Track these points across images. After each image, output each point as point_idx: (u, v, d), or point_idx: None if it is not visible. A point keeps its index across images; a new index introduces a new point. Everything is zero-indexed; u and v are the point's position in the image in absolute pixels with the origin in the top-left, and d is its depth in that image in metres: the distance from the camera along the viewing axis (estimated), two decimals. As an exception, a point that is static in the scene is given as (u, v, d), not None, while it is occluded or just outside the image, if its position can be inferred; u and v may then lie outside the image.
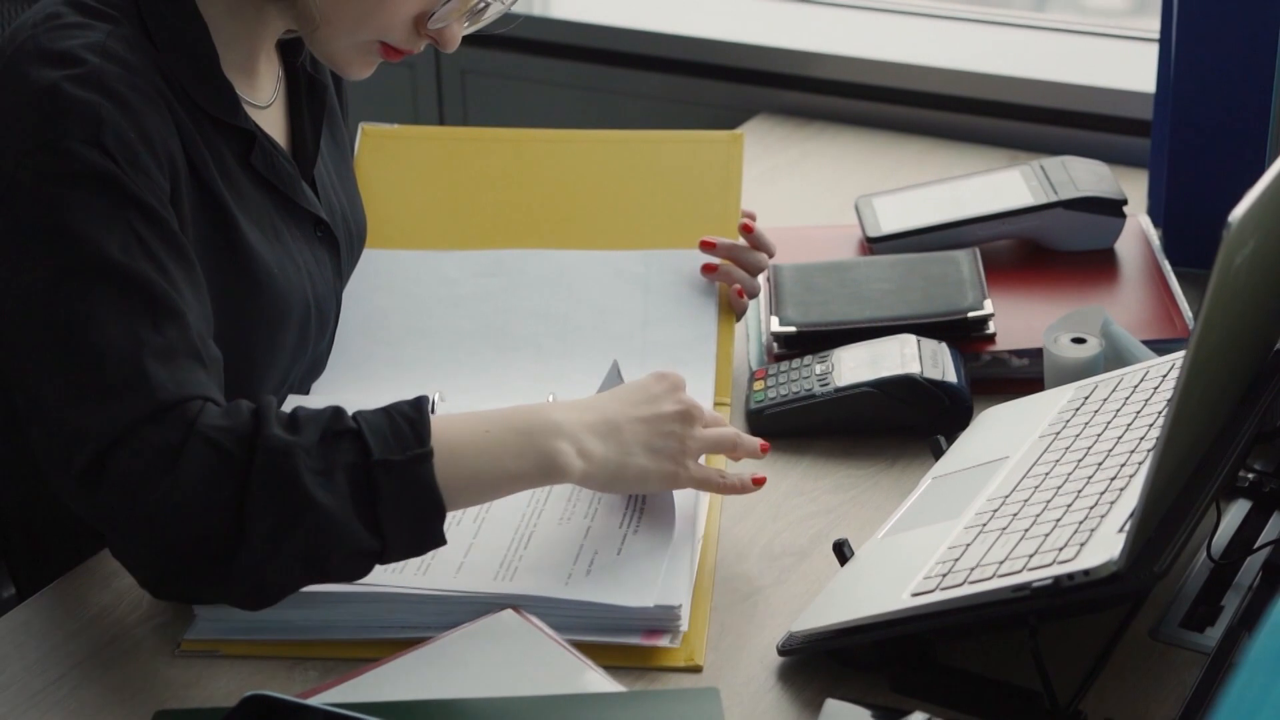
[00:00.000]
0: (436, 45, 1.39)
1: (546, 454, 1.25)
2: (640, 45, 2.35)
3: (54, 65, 1.27)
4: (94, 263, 1.23)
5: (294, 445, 1.18)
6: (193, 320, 1.25)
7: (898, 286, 1.64)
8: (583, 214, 1.68)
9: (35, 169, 1.25)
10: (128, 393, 1.19)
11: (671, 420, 1.31)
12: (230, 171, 1.38)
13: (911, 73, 2.22)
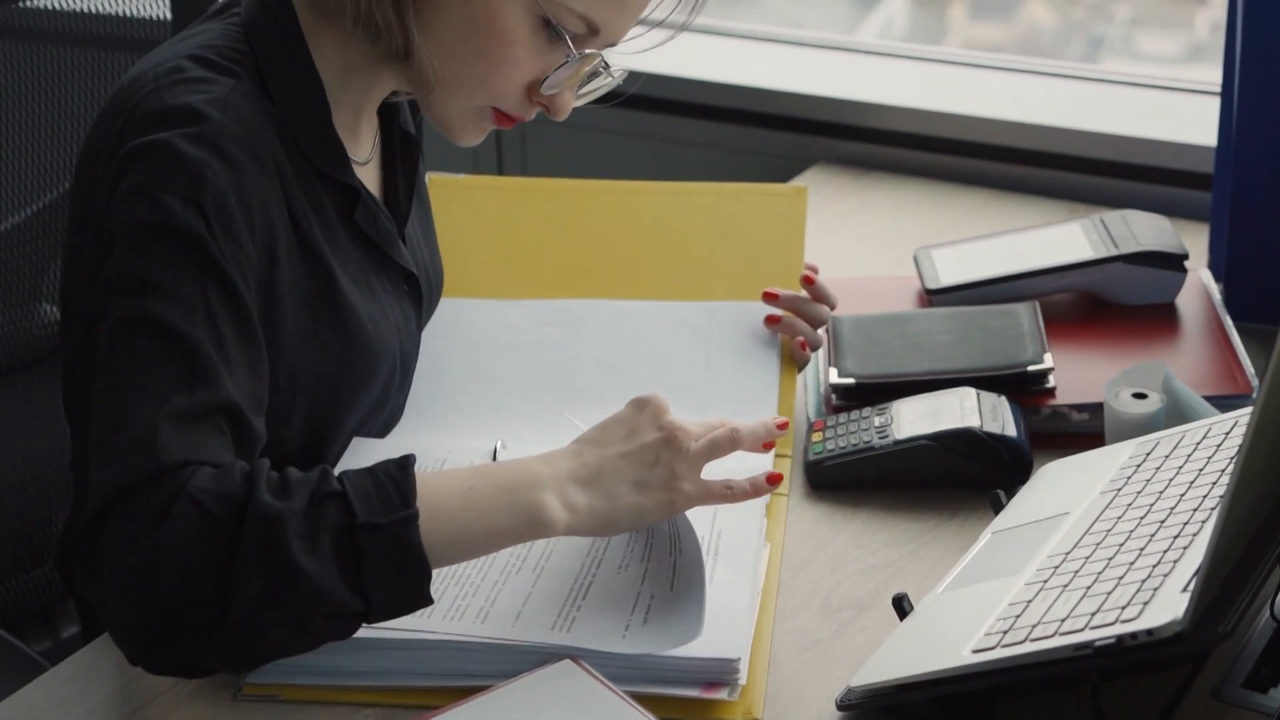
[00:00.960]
0: (547, 112, 1.41)
1: (530, 508, 1.25)
2: (698, 94, 2.36)
3: (174, 120, 1.29)
4: (154, 319, 1.24)
5: (283, 512, 1.19)
6: (231, 392, 1.25)
7: (957, 339, 1.64)
8: (646, 265, 1.69)
9: (129, 214, 1.27)
10: (135, 454, 1.20)
11: (654, 448, 1.29)
12: (332, 227, 1.40)
13: (970, 124, 2.22)
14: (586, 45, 1.38)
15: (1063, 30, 3.75)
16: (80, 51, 1.74)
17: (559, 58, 1.37)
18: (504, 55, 1.36)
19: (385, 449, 1.46)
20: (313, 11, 1.38)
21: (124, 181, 1.29)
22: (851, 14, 3.72)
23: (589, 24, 1.36)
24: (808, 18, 3.92)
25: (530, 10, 1.34)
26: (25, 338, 1.71)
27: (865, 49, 2.48)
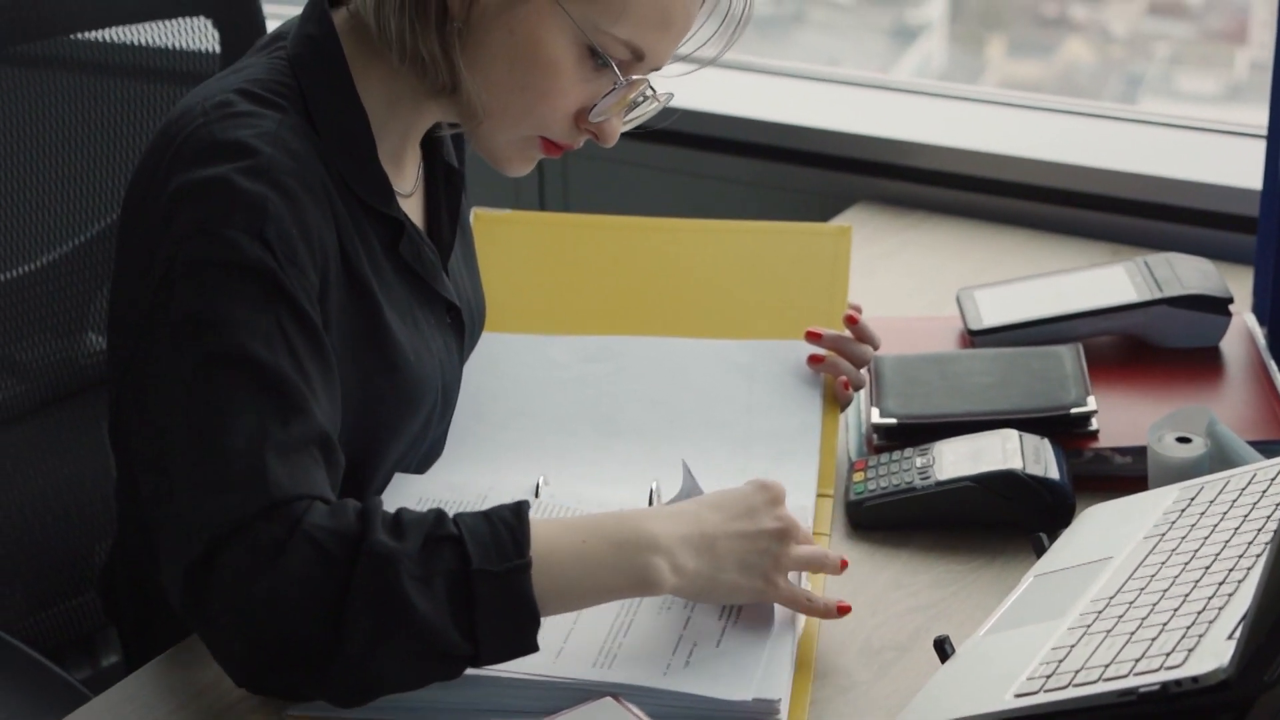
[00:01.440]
0: (596, 139, 1.42)
1: (641, 569, 1.26)
2: (740, 131, 2.37)
3: (226, 155, 1.30)
4: (237, 354, 1.25)
5: (398, 552, 1.20)
6: (321, 420, 1.27)
7: (1000, 380, 1.64)
8: (689, 302, 1.69)
9: (194, 253, 1.28)
10: (245, 487, 1.21)
11: (769, 538, 1.30)
12: (377, 259, 1.40)
13: (1011, 164, 2.22)
14: (632, 71, 1.39)
15: (1101, 68, 3.75)
16: (130, 84, 1.75)
17: (605, 85, 1.38)
18: (550, 85, 1.36)
19: (428, 485, 1.47)
20: (358, 46, 1.39)
21: (179, 218, 1.29)
22: (889, 49, 3.73)
23: (633, 50, 1.37)
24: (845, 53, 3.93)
25: (575, 39, 1.35)
26: (71, 366, 1.72)
27: (905, 88, 2.48)
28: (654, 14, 1.36)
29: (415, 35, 1.35)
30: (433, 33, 1.35)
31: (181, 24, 1.75)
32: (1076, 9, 3.70)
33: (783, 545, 1.31)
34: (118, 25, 1.72)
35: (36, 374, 1.70)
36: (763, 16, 3.52)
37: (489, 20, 1.35)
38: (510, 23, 1.35)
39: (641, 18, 1.35)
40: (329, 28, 1.39)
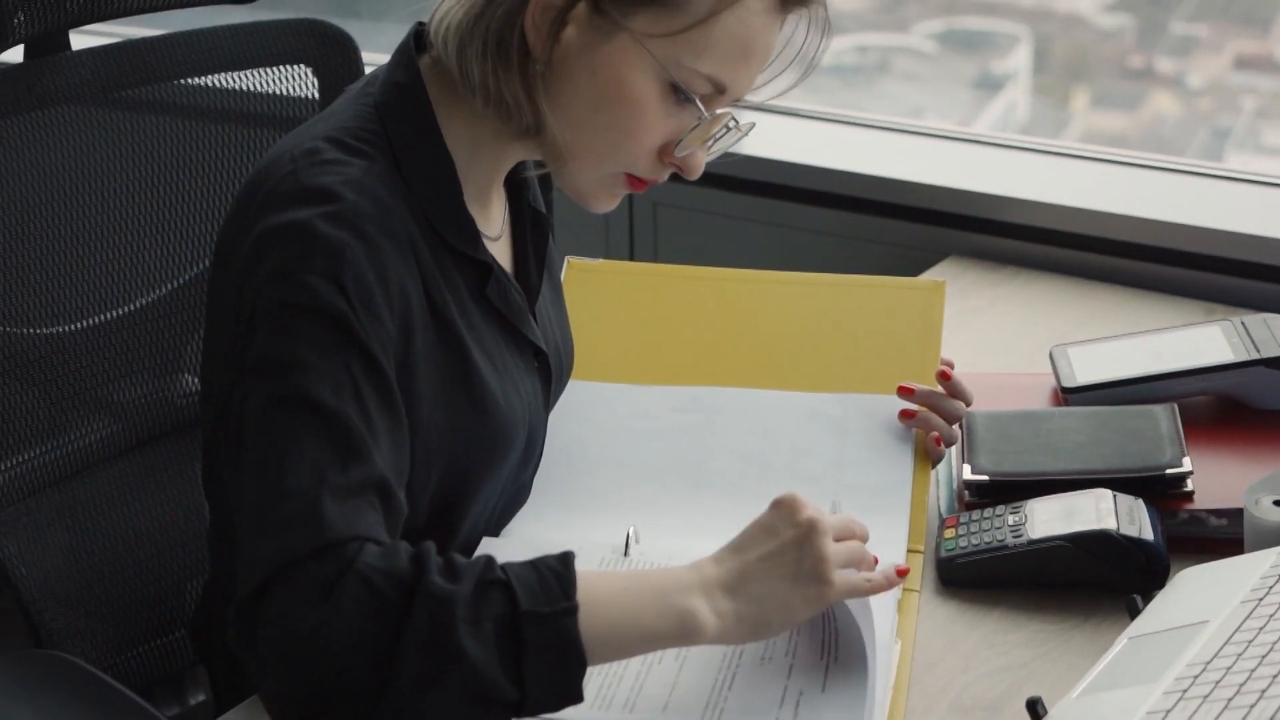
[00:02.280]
0: (681, 173, 1.42)
1: (682, 613, 1.25)
2: (831, 183, 2.37)
3: (311, 201, 1.32)
4: (304, 398, 1.26)
5: (454, 595, 1.20)
6: (381, 467, 1.27)
7: (1093, 439, 1.63)
8: (781, 355, 1.69)
9: (273, 296, 1.29)
10: (300, 527, 1.22)
11: (795, 545, 1.28)
12: (465, 303, 1.42)
13: (1104, 220, 2.21)
14: (714, 104, 1.39)
15: (1187, 121, 3.74)
16: (230, 128, 1.78)
17: (689, 119, 1.39)
18: (634, 123, 1.37)
19: (515, 546, 1.47)
20: (442, 91, 1.41)
21: (263, 262, 1.31)
22: (973, 99, 3.73)
23: (715, 83, 1.38)
24: (929, 104, 3.94)
25: (657, 76, 1.36)
26: (167, 407, 1.74)
27: (994, 141, 2.47)
28: (734, 47, 1.37)
29: (498, 79, 1.37)
30: (515, 76, 1.37)
31: (282, 71, 1.78)
32: (1163, 62, 3.69)
33: (814, 542, 1.28)
34: (222, 72, 1.74)
35: (132, 414, 1.72)
36: (847, 66, 3.53)
37: (571, 61, 1.37)
38: (593, 63, 1.36)
39: (722, 52, 1.36)
40: (415, 74, 1.41)
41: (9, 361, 1.62)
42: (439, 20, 1.40)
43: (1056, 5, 3.61)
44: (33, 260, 1.65)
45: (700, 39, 1.35)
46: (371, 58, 1.82)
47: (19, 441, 1.63)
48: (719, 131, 1.43)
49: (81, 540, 1.68)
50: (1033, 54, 3.67)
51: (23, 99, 1.62)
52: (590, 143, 1.39)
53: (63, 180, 1.67)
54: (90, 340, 1.68)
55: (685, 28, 1.35)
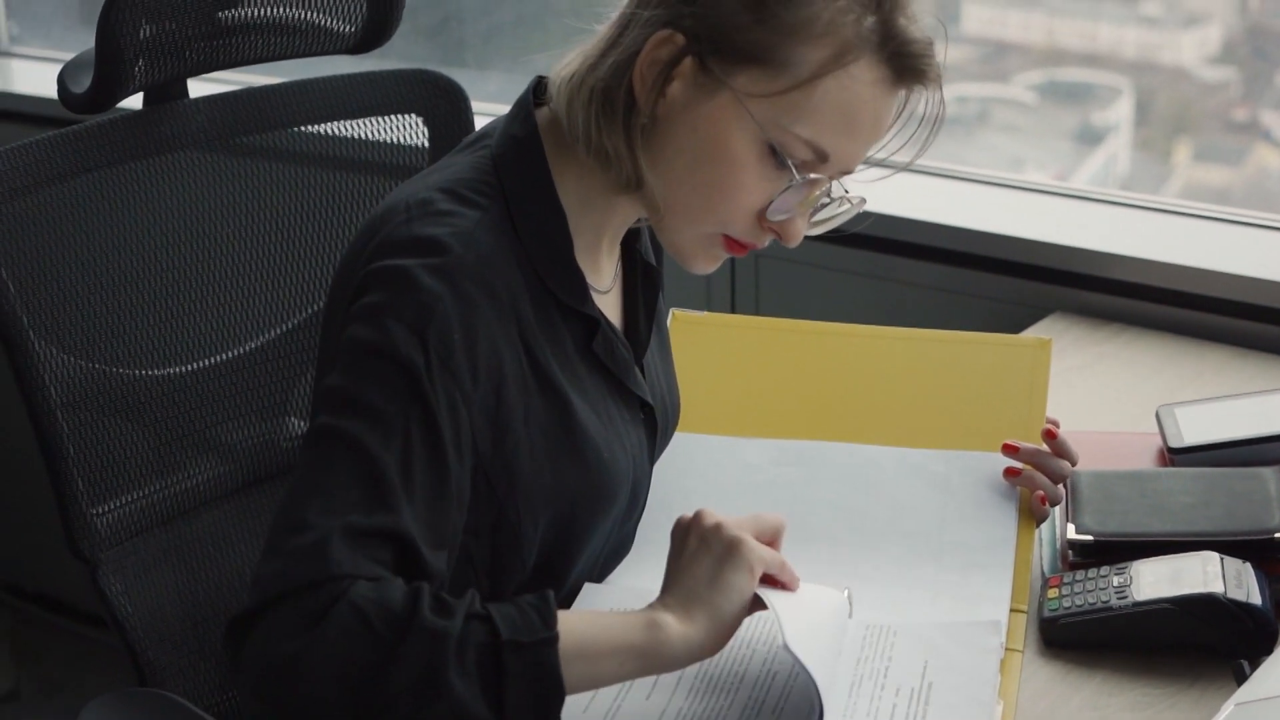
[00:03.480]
0: (779, 239, 1.43)
1: (647, 618, 1.29)
2: (934, 238, 2.36)
3: (417, 251, 1.33)
4: (351, 438, 1.28)
5: (447, 631, 1.22)
6: (407, 523, 1.28)
7: (1200, 501, 1.61)
8: (884, 410, 1.69)
9: (355, 332, 1.32)
10: (305, 559, 1.24)
11: (697, 536, 1.34)
12: (569, 356, 1.43)
13: (1211, 278, 2.19)
14: (814, 171, 1.39)
15: (1294, 176, 3.69)
16: (341, 175, 1.81)
17: (786, 183, 1.39)
18: (731, 182, 1.38)
19: (620, 594, 1.47)
20: (557, 144, 1.42)
21: (361, 300, 1.33)
22: (1073, 151, 3.71)
23: (816, 150, 1.38)
24: (1029, 155, 3.92)
25: (757, 137, 1.37)
26: (273, 449, 1.76)
27: (1097, 196, 2.46)
28: (836, 116, 1.37)
29: (600, 129, 1.38)
30: (619, 128, 1.38)
31: (393, 120, 1.80)
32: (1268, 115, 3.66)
33: (704, 522, 1.34)
34: (335, 121, 1.77)
35: (239, 455, 1.74)
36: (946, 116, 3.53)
37: (674, 116, 1.38)
38: (694, 119, 1.37)
39: (824, 119, 1.36)
40: (532, 127, 1.42)
41: (121, 402, 1.65)
42: (558, 73, 1.42)
43: (1160, 57, 3.58)
44: (147, 303, 1.68)
45: (801, 102, 1.36)
46: (478, 106, 1.84)
47: (129, 481, 1.66)
48: (822, 201, 1.43)
49: (187, 580, 1.70)
50: (1134, 106, 3.64)
51: (141, 145, 1.66)
52: (687, 200, 1.40)
53: (178, 224, 1.71)
54: (200, 382, 1.71)
55: (786, 89, 1.35)
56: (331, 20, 1.72)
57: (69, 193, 1.62)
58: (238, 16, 1.66)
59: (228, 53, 1.67)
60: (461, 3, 3.21)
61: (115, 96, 1.61)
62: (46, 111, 2.82)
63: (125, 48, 1.58)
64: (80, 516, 1.61)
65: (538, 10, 3.04)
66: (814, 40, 1.35)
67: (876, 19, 1.36)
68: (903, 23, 1.37)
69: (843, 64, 1.35)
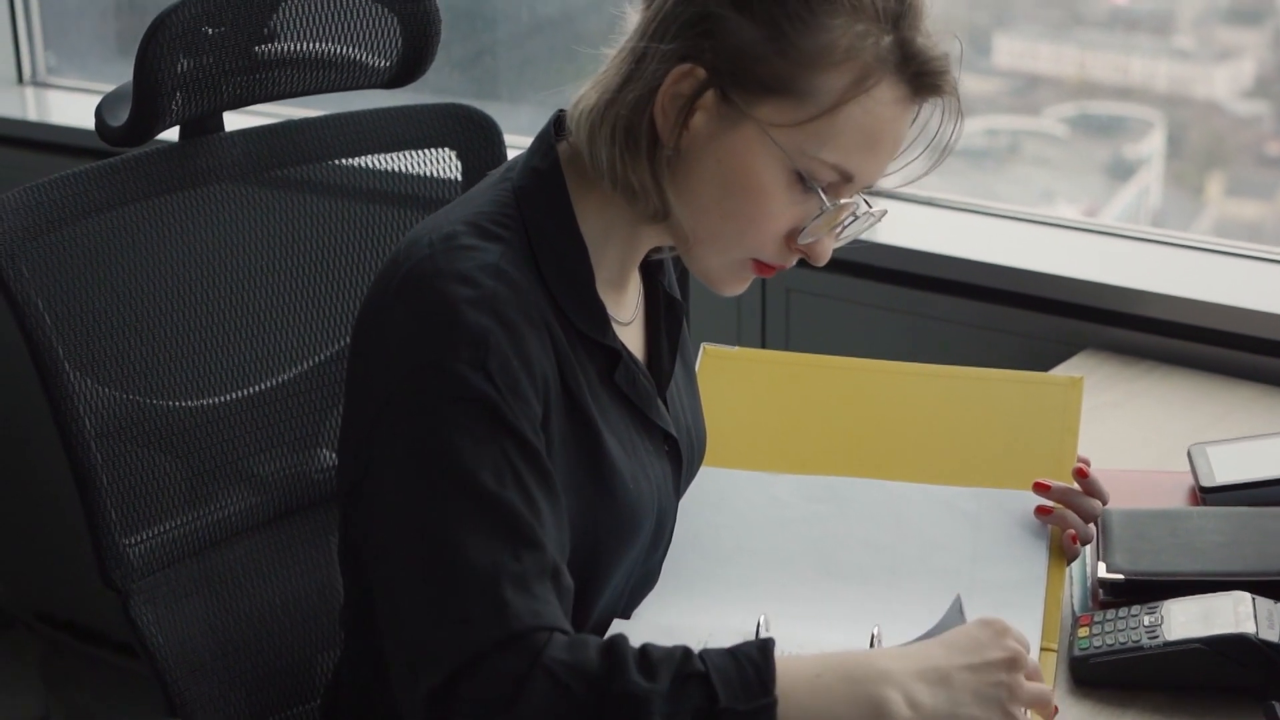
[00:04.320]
0: (808, 259, 1.43)
1: (876, 702, 1.25)
2: (965, 273, 2.36)
3: (452, 287, 1.33)
4: (467, 488, 1.28)
5: (651, 693, 1.21)
6: (551, 550, 1.29)
7: (1232, 540, 1.61)
8: (915, 447, 1.69)
9: (420, 386, 1.31)
10: (484, 619, 1.23)
11: (1000, 668, 1.29)
12: (594, 387, 1.43)
13: (1244, 317, 2.19)
14: (840, 193, 1.40)
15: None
16: (375, 209, 1.82)
17: (814, 207, 1.39)
18: (759, 210, 1.38)
19: (645, 629, 1.47)
20: (578, 176, 1.43)
21: (403, 349, 1.33)
22: (1105, 185, 3.70)
23: (841, 172, 1.38)
24: (1060, 188, 3.91)
25: (783, 164, 1.37)
26: (305, 481, 1.77)
27: (1130, 233, 2.46)
28: (860, 138, 1.37)
29: (625, 163, 1.38)
30: (643, 161, 1.38)
31: (427, 154, 1.81)
32: (1302, 150, 3.65)
33: (1014, 674, 1.30)
34: (369, 154, 1.78)
35: (271, 487, 1.75)
36: (977, 149, 3.52)
37: (698, 148, 1.38)
38: (719, 151, 1.37)
39: (848, 142, 1.37)
40: (553, 161, 1.43)
41: (153, 433, 1.66)
42: (576, 106, 1.43)
43: (1192, 91, 3.57)
44: (181, 335, 1.69)
45: (825, 129, 1.36)
46: (511, 139, 1.85)
47: (160, 512, 1.66)
48: (847, 219, 1.43)
49: (217, 610, 1.71)
50: (1167, 140, 3.63)
51: (177, 178, 1.67)
52: (716, 229, 1.40)
53: (213, 257, 1.72)
54: (233, 414, 1.72)
55: (810, 118, 1.36)
56: (367, 55, 1.73)
57: (105, 225, 1.63)
58: (273, 51, 1.67)
59: (264, 87, 1.68)
60: (495, 35, 3.23)
61: (152, 130, 1.62)
62: (83, 143, 2.83)
63: (163, 82, 1.59)
64: (113, 546, 1.62)
65: (569, 41, 3.05)
66: (835, 67, 1.35)
67: (894, 39, 1.37)
68: (920, 41, 1.38)
69: (865, 88, 1.36)
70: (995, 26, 3.48)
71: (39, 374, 1.59)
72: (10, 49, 3.31)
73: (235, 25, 1.63)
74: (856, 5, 1.35)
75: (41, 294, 1.58)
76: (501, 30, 3.22)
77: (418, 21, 1.72)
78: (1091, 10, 3.62)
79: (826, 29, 1.35)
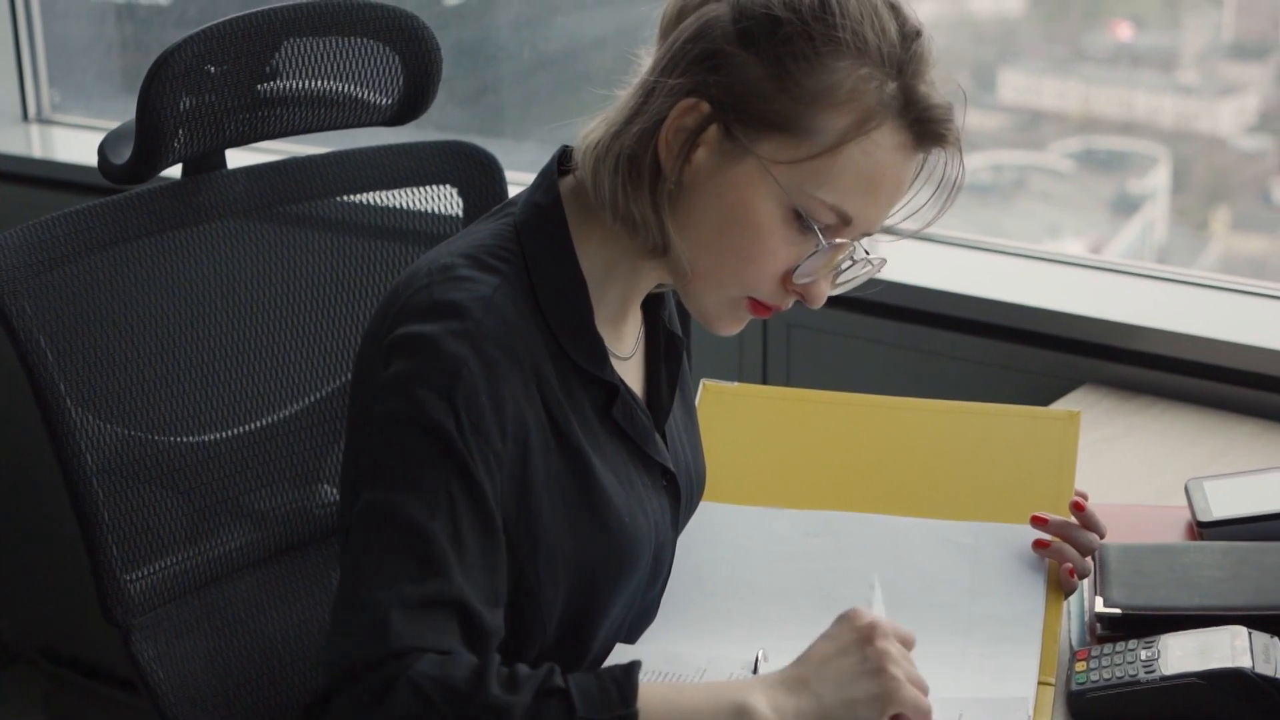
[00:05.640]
0: (804, 301, 1.44)
1: (738, 705, 1.28)
2: (965, 309, 2.37)
3: (439, 316, 1.35)
4: (394, 511, 1.30)
5: (513, 705, 1.23)
6: (461, 584, 1.29)
7: (1229, 575, 1.61)
8: (914, 481, 1.69)
9: (386, 405, 1.34)
10: (366, 637, 1.26)
11: (856, 645, 1.31)
12: (589, 421, 1.44)
13: (1242, 352, 2.19)
14: (839, 235, 1.41)
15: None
16: (377, 245, 1.83)
17: (811, 247, 1.40)
18: (757, 247, 1.39)
19: (647, 655, 1.47)
20: (580, 211, 1.44)
21: (387, 372, 1.35)
22: (1110, 219, 3.71)
23: (840, 214, 1.39)
24: (1065, 223, 3.92)
25: (782, 203, 1.38)
26: (306, 517, 1.77)
27: (1131, 270, 2.46)
28: (859, 180, 1.38)
29: (628, 195, 1.40)
30: (645, 194, 1.39)
31: (429, 191, 1.83)
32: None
33: (875, 642, 1.30)
34: (371, 191, 1.79)
35: (272, 523, 1.76)
36: (983, 184, 3.54)
37: (700, 182, 1.39)
38: (719, 186, 1.39)
39: (847, 183, 1.38)
40: (555, 195, 1.44)
41: (156, 469, 1.67)
42: (583, 140, 1.44)
43: (1196, 126, 3.58)
44: (182, 370, 1.70)
45: (825, 168, 1.37)
46: (513, 176, 1.87)
47: (162, 547, 1.67)
48: (844, 263, 1.44)
49: (218, 646, 1.71)
50: (1171, 175, 3.64)
51: (180, 215, 1.68)
52: (714, 264, 1.41)
53: (215, 293, 1.73)
54: (235, 449, 1.72)
55: (810, 156, 1.37)
56: (369, 93, 1.74)
57: (108, 262, 1.64)
58: (276, 89, 1.68)
59: (266, 125, 1.69)
60: (498, 71, 3.25)
61: (155, 168, 1.63)
62: (87, 180, 2.85)
63: (165, 120, 1.60)
64: (114, 582, 1.63)
65: (573, 78, 3.07)
66: (837, 108, 1.37)
67: (898, 85, 1.38)
68: (923, 89, 1.39)
69: (865, 131, 1.37)
70: (1000, 62, 3.49)
71: (40, 410, 1.60)
72: (15, 86, 3.33)
73: (238, 64, 1.65)
74: (862, 49, 1.37)
75: (44, 330, 1.59)
76: (505, 66, 3.24)
77: (419, 60, 1.74)
78: (1096, 46, 3.63)
79: (831, 70, 1.36)
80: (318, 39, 1.69)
